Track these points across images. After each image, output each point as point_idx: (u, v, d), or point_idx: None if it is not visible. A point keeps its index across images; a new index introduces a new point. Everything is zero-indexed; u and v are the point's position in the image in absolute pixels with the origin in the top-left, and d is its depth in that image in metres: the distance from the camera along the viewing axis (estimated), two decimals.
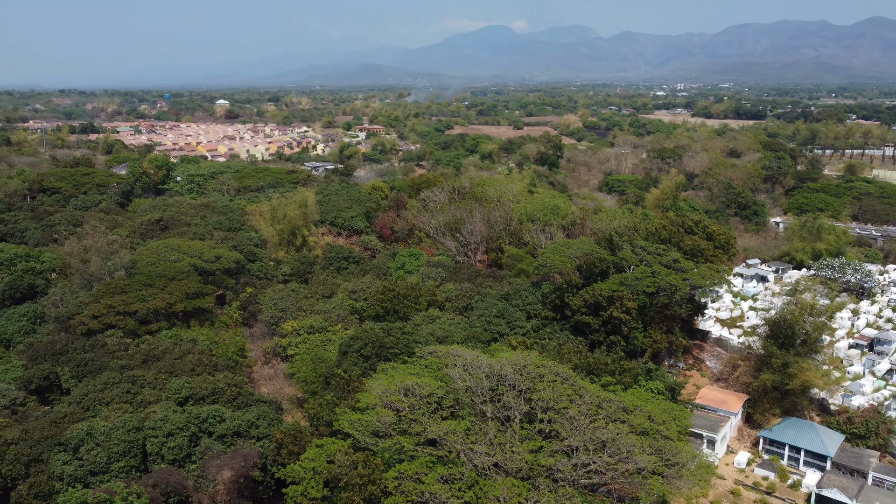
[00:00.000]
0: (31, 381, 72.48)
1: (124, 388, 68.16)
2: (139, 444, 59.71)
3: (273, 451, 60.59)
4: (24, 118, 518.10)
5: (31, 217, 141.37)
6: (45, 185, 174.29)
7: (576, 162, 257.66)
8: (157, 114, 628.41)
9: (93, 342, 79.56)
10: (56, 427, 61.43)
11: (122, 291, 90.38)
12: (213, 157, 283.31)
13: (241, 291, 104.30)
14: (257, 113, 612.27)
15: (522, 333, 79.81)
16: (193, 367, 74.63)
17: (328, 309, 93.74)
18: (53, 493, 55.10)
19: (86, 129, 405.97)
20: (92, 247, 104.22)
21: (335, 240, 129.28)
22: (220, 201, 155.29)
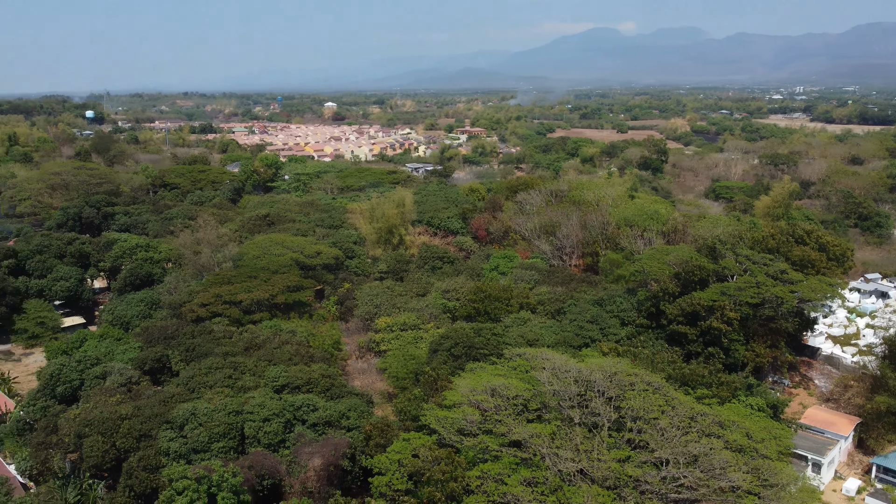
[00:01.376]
0: (145, 362, 77.56)
1: (226, 373, 71.82)
2: (238, 426, 62.66)
3: (361, 442, 62.03)
4: (150, 119, 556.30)
5: (152, 210, 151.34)
6: (165, 181, 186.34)
7: (681, 167, 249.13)
8: (270, 115, 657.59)
9: (200, 328, 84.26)
10: (164, 406, 65.53)
11: (228, 282, 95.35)
12: (319, 157, 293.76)
13: (339, 287, 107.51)
14: (363, 115, 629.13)
15: (615, 340, 78.05)
16: (291, 356, 77.57)
17: (421, 307, 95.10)
18: (160, 466, 58.77)
19: (204, 129, 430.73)
20: (203, 239, 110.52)
21: (431, 240, 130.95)
22: (323, 199, 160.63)
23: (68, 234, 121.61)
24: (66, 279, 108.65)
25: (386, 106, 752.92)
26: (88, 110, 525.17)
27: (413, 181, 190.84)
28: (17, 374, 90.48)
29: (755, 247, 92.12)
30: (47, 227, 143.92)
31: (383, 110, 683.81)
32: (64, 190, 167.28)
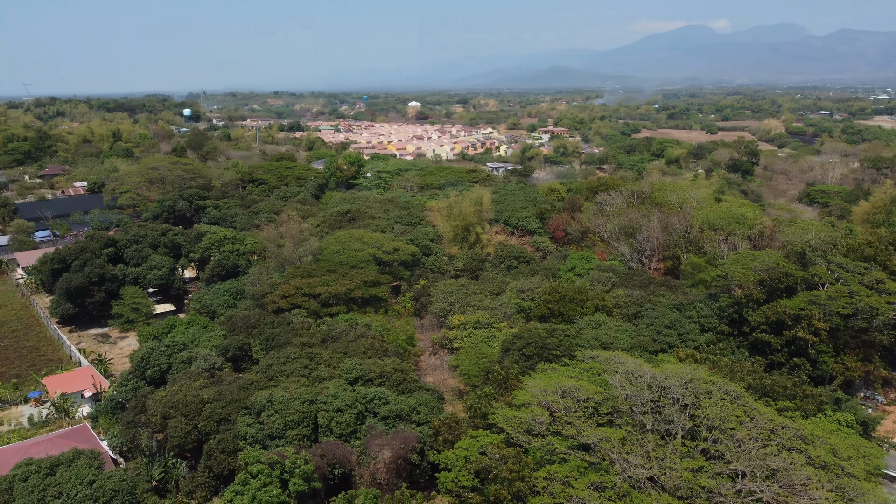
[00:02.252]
0: (228, 349, 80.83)
1: (303, 363, 73.95)
2: (312, 415, 64.42)
3: (430, 437, 62.59)
4: (242, 117, 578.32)
5: (241, 204, 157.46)
6: (253, 177, 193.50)
7: (773, 170, 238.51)
8: (356, 114, 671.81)
9: (280, 319, 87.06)
10: (244, 392, 68.12)
11: (308, 275, 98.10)
12: (401, 155, 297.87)
13: (415, 283, 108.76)
14: (445, 114, 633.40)
15: (693, 347, 75.61)
16: (365, 350, 79.06)
17: (495, 306, 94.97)
18: (237, 450, 61.15)
19: (293, 127, 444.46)
20: (286, 233, 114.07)
21: (508, 239, 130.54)
22: (402, 197, 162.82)
23: (162, 226, 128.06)
24: (159, 268, 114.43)
25: (469, 105, 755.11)
26: (186, 108, 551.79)
27: (492, 180, 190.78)
28: (112, 356, 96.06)
29: (850, 254, 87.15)
30: (144, 218, 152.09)
31: (466, 110, 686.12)
32: (160, 184, 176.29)
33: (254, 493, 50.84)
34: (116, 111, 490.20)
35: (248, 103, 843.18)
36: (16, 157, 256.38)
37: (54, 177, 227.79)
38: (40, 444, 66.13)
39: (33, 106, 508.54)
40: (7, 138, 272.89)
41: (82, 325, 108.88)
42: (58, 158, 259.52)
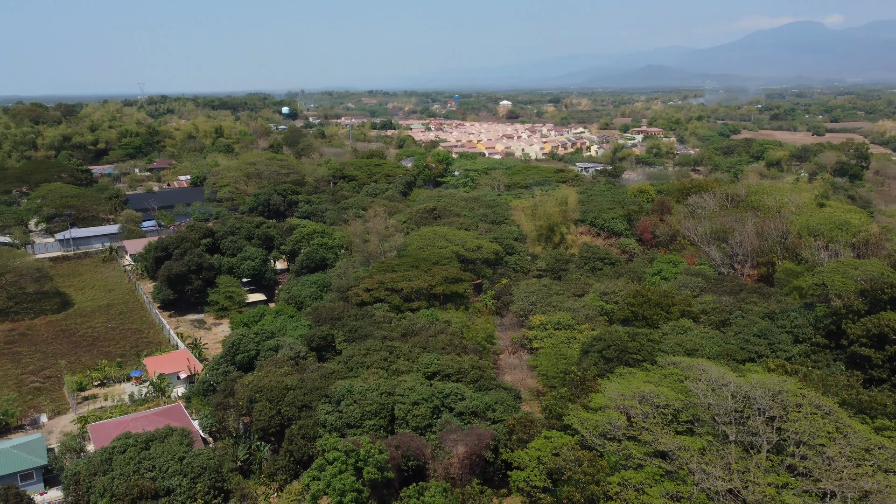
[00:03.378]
0: (312, 339, 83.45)
1: (383, 355, 75.46)
2: (389, 407, 65.66)
3: (504, 436, 62.52)
4: (337, 115, 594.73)
5: (331, 200, 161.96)
6: (344, 173, 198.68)
7: (886, 175, 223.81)
8: (447, 113, 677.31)
9: (363, 312, 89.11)
10: (325, 381, 70.21)
11: (392, 270, 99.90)
12: (490, 154, 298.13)
13: (497, 282, 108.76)
14: (536, 113, 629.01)
15: (785, 358, 72.02)
16: (444, 346, 79.81)
17: (577, 307, 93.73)
18: (316, 436, 63.13)
19: (385, 125, 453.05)
20: (372, 229, 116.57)
21: (593, 240, 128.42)
22: (488, 196, 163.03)
23: (257, 218, 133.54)
24: (252, 259, 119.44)
25: (561, 104, 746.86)
26: (285, 107, 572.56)
27: (580, 180, 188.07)
28: (206, 341, 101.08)
29: None
30: (241, 211, 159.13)
31: (558, 109, 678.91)
32: (257, 178, 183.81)
33: (329, 479, 52.35)
34: (220, 109, 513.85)
35: (344, 102, 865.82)
36: (128, 152, 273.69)
37: (161, 170, 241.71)
38: (138, 420, 70.50)
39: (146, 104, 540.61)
40: (121, 134, 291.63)
41: (181, 310, 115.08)
42: (165, 153, 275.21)
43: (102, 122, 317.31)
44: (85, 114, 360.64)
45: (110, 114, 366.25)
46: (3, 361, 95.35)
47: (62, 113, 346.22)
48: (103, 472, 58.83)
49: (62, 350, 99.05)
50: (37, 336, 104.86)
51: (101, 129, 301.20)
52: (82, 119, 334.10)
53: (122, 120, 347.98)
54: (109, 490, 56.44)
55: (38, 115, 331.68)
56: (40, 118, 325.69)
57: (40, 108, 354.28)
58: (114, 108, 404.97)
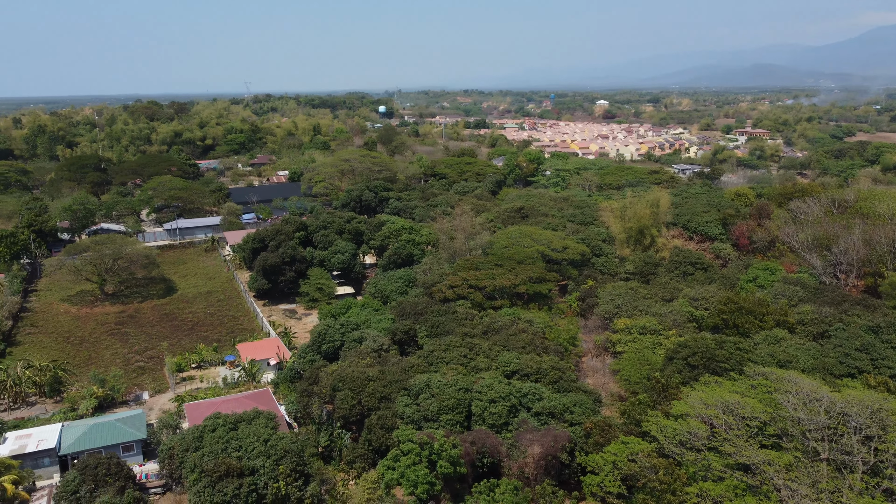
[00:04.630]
0: (395, 332, 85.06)
1: (462, 352, 76.04)
2: (466, 403, 66.11)
3: (581, 438, 61.72)
4: (432, 114, 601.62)
5: (421, 197, 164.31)
6: (435, 171, 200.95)
7: None
8: (542, 112, 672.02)
9: (446, 308, 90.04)
10: (405, 374, 71.50)
11: (476, 268, 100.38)
12: (583, 154, 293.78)
13: (583, 283, 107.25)
14: (634, 113, 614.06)
15: (889, 374, 67.44)
16: (525, 345, 79.55)
17: (664, 312, 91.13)
18: (394, 427, 64.38)
19: (478, 124, 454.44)
20: (459, 227, 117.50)
21: (685, 244, 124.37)
22: (578, 196, 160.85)
23: (348, 214, 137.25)
24: (342, 253, 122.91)
25: (660, 104, 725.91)
26: (381, 105, 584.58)
27: (676, 182, 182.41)
28: (296, 330, 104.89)
29: None
30: (334, 206, 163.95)
31: (657, 109, 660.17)
32: (351, 175, 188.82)
33: (403, 469, 53.37)
34: (320, 107, 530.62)
35: (439, 101, 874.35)
36: (233, 148, 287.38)
37: (262, 165, 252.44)
38: (229, 402, 74.16)
39: (251, 102, 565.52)
40: (227, 130, 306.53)
41: (274, 300, 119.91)
42: (266, 149, 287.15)
43: (210, 120, 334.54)
44: (195, 111, 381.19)
45: (218, 111, 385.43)
46: (113, 341, 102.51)
47: (175, 110, 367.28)
48: (194, 448, 62.26)
49: (165, 333, 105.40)
50: (143, 319, 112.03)
51: (208, 125, 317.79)
52: (192, 116, 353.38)
53: (229, 117, 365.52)
54: (199, 466, 59.66)
55: (153, 112, 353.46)
56: (155, 115, 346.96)
57: (156, 105, 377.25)
58: (222, 107, 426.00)
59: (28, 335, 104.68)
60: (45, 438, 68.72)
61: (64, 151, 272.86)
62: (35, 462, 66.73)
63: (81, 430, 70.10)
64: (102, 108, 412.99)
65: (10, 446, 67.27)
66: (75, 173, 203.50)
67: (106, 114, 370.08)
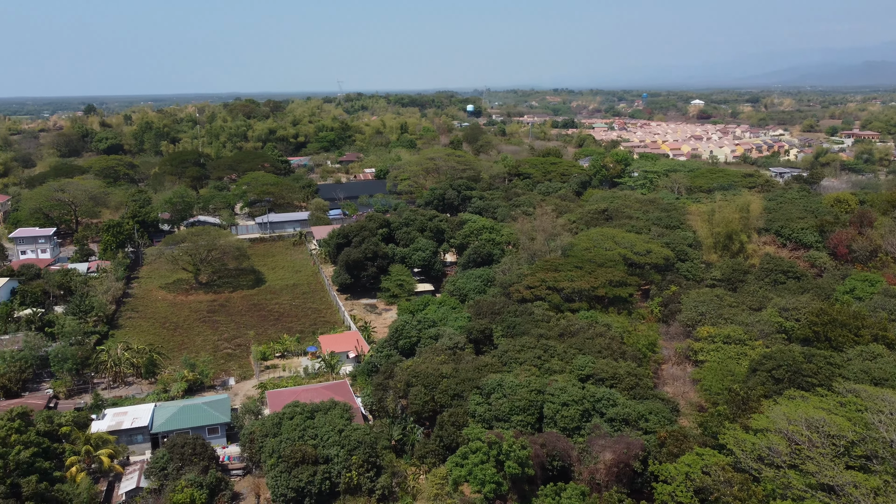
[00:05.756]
0: (471, 331, 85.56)
1: (537, 353, 75.70)
2: (538, 405, 65.83)
3: (655, 447, 60.28)
4: (520, 113, 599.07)
5: (503, 196, 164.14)
6: (519, 171, 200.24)
7: None
8: (632, 112, 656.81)
9: (523, 309, 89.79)
10: (478, 373, 71.89)
11: (555, 269, 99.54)
12: (674, 155, 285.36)
13: (665, 288, 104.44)
14: (731, 114, 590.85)
15: None
16: (601, 349, 78.35)
17: (751, 322, 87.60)
18: (464, 425, 64.89)
19: (566, 124, 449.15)
20: (540, 227, 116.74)
21: (777, 251, 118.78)
22: (665, 198, 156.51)
23: (430, 212, 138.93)
24: (423, 250, 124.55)
25: (759, 105, 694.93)
26: (470, 104, 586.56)
27: (771, 186, 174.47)
28: (376, 325, 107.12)
29: None
30: (417, 204, 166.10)
31: (755, 109, 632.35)
32: (435, 173, 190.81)
33: (471, 467, 53.77)
34: (409, 106, 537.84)
35: (528, 100, 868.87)
36: (323, 145, 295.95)
37: (349, 163, 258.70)
38: (308, 391, 76.74)
39: (343, 101, 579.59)
40: (318, 128, 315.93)
41: (356, 294, 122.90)
42: (355, 147, 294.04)
43: (303, 118, 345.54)
44: (289, 109, 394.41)
45: (311, 110, 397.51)
46: (204, 328, 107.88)
47: (270, 109, 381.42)
48: (273, 434, 64.88)
49: (252, 322, 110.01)
50: (233, 308, 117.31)
51: (301, 123, 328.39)
52: (287, 114, 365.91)
53: (321, 116, 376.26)
54: (277, 451, 62.16)
55: (250, 110, 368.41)
56: (252, 113, 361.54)
57: (253, 104, 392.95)
58: (314, 105, 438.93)
59: (129, 319, 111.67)
60: (140, 417, 73.26)
61: (167, 147, 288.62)
62: (129, 438, 71.28)
63: (172, 410, 74.29)
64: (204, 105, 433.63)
65: (108, 422, 72.12)
66: (177, 168, 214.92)
67: (207, 111, 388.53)
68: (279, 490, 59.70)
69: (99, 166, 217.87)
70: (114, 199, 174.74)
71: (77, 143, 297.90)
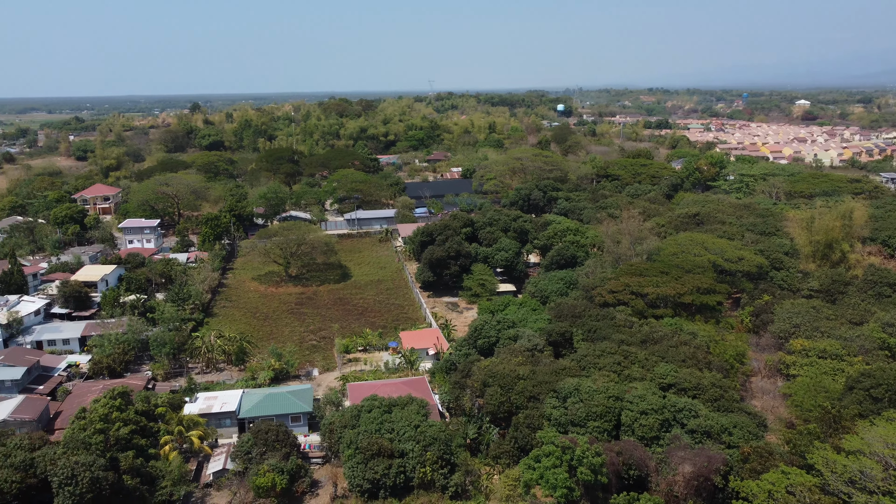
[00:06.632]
0: (551, 333, 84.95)
1: (617, 359, 74.32)
2: (615, 411, 64.68)
3: (738, 463, 58.11)
4: (612, 113, 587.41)
5: (590, 198, 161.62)
6: (608, 172, 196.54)
7: None
8: (731, 112, 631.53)
9: (604, 313, 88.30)
10: (555, 376, 71.33)
11: (639, 274, 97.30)
12: (774, 158, 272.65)
13: (757, 297, 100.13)
14: (840, 115, 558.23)
15: None
16: (685, 358, 76.07)
17: (850, 336, 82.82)
18: (539, 428, 64.57)
19: (660, 124, 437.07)
20: (626, 230, 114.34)
21: (883, 262, 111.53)
22: (762, 203, 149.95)
23: (514, 212, 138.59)
24: (506, 250, 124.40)
25: (872, 105, 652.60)
26: (560, 104, 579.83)
27: (881, 193, 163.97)
28: (456, 323, 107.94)
29: None
30: (502, 204, 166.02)
31: (867, 110, 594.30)
32: (521, 173, 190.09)
33: (542, 471, 53.51)
34: (499, 105, 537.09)
35: (620, 100, 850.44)
36: (412, 144, 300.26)
37: (437, 162, 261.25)
38: (387, 386, 78.33)
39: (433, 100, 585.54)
40: (407, 127, 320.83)
41: (438, 292, 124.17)
42: (443, 146, 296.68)
43: (393, 117, 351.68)
44: (381, 108, 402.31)
45: (401, 108, 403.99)
46: (292, 319, 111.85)
47: (363, 107, 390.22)
48: (352, 426, 66.67)
49: (337, 315, 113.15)
50: (319, 301, 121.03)
51: (391, 122, 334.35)
52: (378, 113, 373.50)
53: (411, 114, 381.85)
54: (354, 443, 63.84)
55: (343, 109, 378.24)
56: (344, 112, 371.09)
57: (346, 102, 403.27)
58: (405, 104, 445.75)
59: (223, 308, 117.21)
60: (228, 402, 76.94)
61: (264, 144, 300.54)
62: (218, 422, 74.94)
63: (258, 397, 77.56)
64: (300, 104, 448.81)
65: (199, 405, 76.10)
66: (272, 164, 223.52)
67: (303, 110, 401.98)
68: (355, 480, 61.32)
69: (201, 162, 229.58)
70: (213, 193, 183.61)
71: (182, 140, 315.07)
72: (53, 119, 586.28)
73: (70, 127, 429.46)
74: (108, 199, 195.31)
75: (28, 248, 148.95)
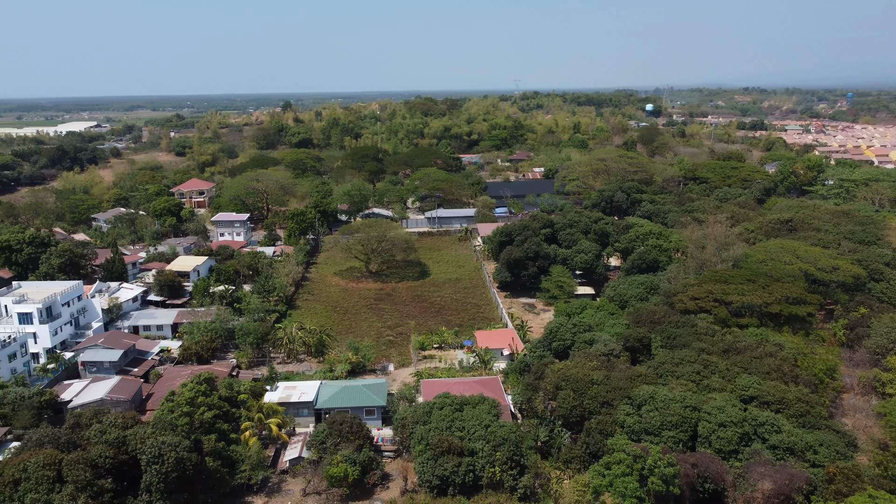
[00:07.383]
0: (628, 339, 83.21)
1: (695, 368, 72.08)
2: (692, 422, 62.80)
3: (822, 483, 55.44)
4: (704, 113, 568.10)
5: (676, 201, 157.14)
6: (695, 175, 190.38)
7: None
8: (834, 113, 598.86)
9: (685, 320, 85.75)
10: (630, 382, 69.89)
11: (724, 281, 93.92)
12: (880, 162, 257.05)
13: (853, 310, 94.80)
14: None
15: None
16: (769, 370, 72.97)
17: None
18: (611, 434, 63.49)
19: (754, 125, 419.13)
20: (711, 235, 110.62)
21: None
22: (863, 210, 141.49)
23: (596, 214, 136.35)
24: (586, 253, 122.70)
25: None
26: (648, 104, 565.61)
27: None
28: (532, 324, 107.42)
29: None
30: (584, 205, 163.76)
31: None
32: (605, 174, 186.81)
33: (612, 478, 52.63)
34: (585, 105, 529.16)
35: (713, 100, 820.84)
36: (495, 143, 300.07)
37: (519, 161, 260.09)
38: (460, 384, 78.86)
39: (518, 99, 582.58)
40: (491, 126, 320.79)
41: (515, 292, 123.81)
42: (525, 146, 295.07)
43: (477, 116, 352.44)
44: (465, 107, 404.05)
45: (486, 108, 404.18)
46: (370, 314, 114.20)
47: (447, 107, 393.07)
48: (423, 422, 67.54)
49: (414, 312, 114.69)
50: (397, 297, 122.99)
51: (475, 121, 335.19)
52: (462, 112, 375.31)
53: (495, 114, 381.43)
54: (425, 439, 64.67)
55: (427, 108, 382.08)
56: (429, 111, 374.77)
57: (431, 101, 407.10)
58: (490, 103, 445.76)
59: (305, 301, 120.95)
60: (306, 392, 79.43)
61: (350, 142, 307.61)
62: (296, 411, 77.50)
63: (335, 389, 79.73)
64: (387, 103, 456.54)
65: (279, 394, 78.94)
66: (357, 162, 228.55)
67: (388, 109, 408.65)
68: (425, 476, 62.14)
69: (290, 159, 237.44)
70: (300, 189, 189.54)
71: (273, 137, 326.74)
72: (157, 116, 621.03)
73: (171, 124, 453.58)
74: (203, 193, 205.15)
75: (129, 238, 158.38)
